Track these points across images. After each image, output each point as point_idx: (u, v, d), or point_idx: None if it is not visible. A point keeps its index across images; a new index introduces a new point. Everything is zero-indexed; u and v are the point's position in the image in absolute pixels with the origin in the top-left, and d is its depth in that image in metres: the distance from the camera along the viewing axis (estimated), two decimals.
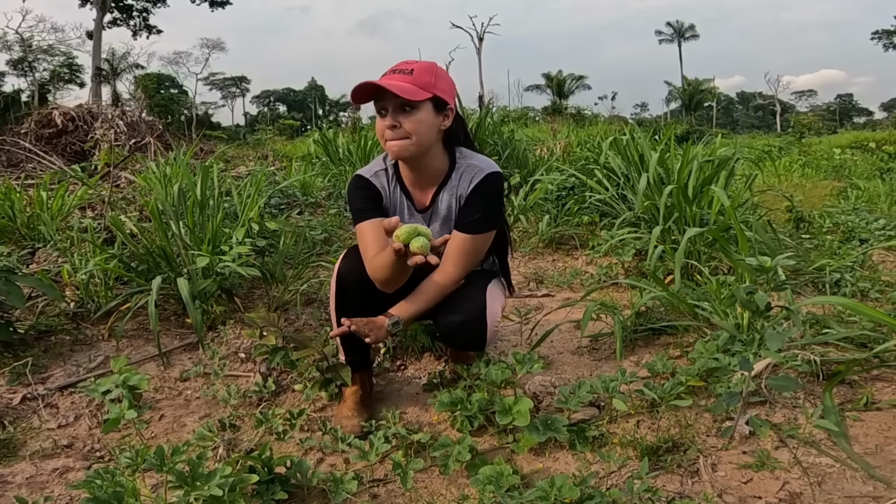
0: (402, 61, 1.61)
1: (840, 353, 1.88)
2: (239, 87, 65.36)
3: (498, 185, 1.66)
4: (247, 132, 27.38)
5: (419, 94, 1.53)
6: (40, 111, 7.65)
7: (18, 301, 2.19)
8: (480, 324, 1.64)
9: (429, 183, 1.70)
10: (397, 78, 1.55)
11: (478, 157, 1.70)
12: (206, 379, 2.08)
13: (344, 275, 1.66)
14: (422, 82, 1.54)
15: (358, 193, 1.70)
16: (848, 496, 1.27)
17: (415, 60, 1.61)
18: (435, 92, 1.56)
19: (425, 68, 1.58)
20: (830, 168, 8.10)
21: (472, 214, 1.63)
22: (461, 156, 1.69)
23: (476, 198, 1.64)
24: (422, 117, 1.56)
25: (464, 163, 1.68)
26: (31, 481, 1.52)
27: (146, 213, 3.52)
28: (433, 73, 1.58)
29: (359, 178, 1.73)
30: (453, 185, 1.68)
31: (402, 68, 1.57)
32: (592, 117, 16.98)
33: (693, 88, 55.54)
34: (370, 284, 1.61)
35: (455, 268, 1.63)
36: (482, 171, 1.65)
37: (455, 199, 1.68)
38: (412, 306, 1.62)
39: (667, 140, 4.00)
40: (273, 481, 1.36)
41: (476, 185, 1.63)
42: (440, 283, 1.63)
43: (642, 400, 1.69)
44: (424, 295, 1.63)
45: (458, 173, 1.67)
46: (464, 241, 1.63)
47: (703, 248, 2.86)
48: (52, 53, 40.19)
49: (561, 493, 1.21)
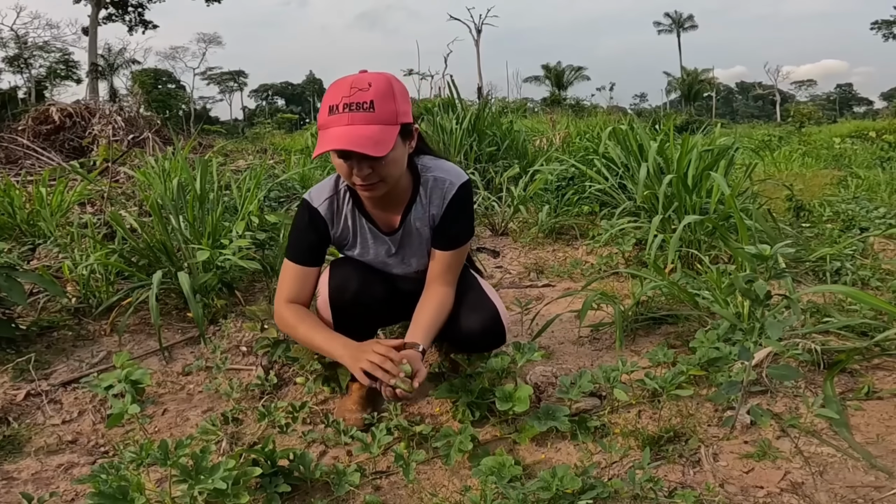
0: (354, 82, 1.36)
1: (841, 341, 1.88)
2: (236, 82, 65.13)
3: (470, 193, 1.59)
4: (245, 126, 27.30)
5: (389, 140, 1.35)
6: (37, 108, 7.61)
7: (20, 297, 2.19)
8: (499, 326, 1.63)
9: (393, 203, 1.57)
10: (360, 119, 1.33)
11: (440, 164, 1.59)
12: (208, 373, 2.09)
13: (337, 297, 1.58)
14: (386, 116, 1.35)
15: (300, 228, 1.58)
16: (849, 485, 1.28)
17: (365, 79, 1.37)
18: (400, 121, 1.38)
19: (384, 94, 1.35)
20: (830, 157, 8.08)
21: (453, 229, 1.57)
22: (424, 167, 1.58)
23: (453, 212, 1.56)
24: (394, 156, 1.40)
25: (429, 177, 1.56)
26: (37, 477, 1.52)
27: (146, 209, 3.51)
28: (393, 97, 1.36)
29: (306, 209, 1.58)
30: (423, 204, 1.57)
31: (358, 101, 1.33)
32: (591, 108, 16.94)
33: (692, 79, 55.36)
34: (366, 299, 1.59)
35: (448, 285, 1.60)
36: (452, 183, 1.55)
37: (428, 217, 1.59)
38: (429, 332, 1.53)
39: (666, 130, 3.99)
40: (276, 474, 1.36)
41: (451, 200, 1.55)
42: (442, 304, 1.57)
43: (643, 390, 1.69)
44: (434, 319, 1.55)
45: (426, 189, 1.56)
46: (450, 258, 1.58)
47: (702, 238, 2.86)
48: (48, 50, 40.10)
49: (563, 483, 1.22)
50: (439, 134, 5.27)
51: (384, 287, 1.67)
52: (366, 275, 1.63)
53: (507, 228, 3.99)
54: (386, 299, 1.67)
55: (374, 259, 1.65)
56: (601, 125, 6.72)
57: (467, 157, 4.95)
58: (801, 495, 1.26)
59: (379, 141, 1.33)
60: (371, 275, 1.64)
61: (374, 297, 1.63)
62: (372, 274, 1.65)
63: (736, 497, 1.27)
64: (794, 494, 1.26)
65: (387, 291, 1.68)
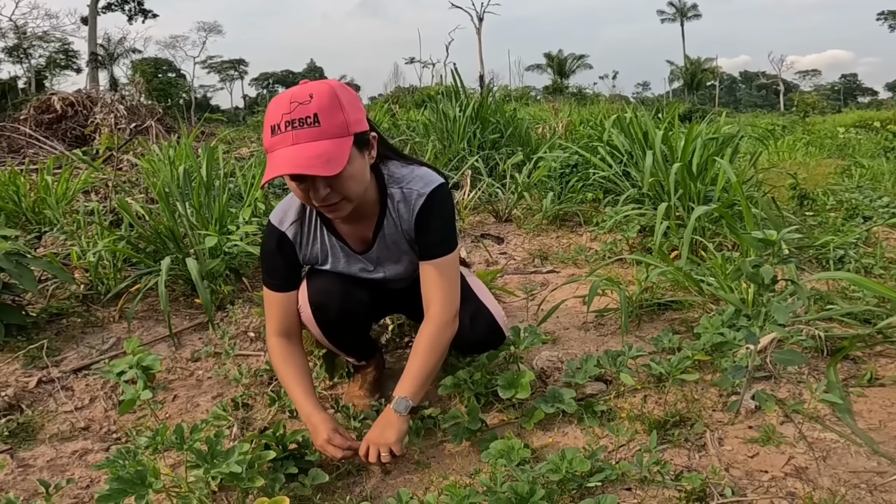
0: (294, 95, 1.23)
1: (844, 328, 1.90)
2: (237, 70, 64.77)
3: (443, 198, 1.43)
4: (246, 114, 27.18)
5: (342, 156, 1.22)
6: (39, 97, 7.59)
7: (31, 284, 2.21)
8: (495, 328, 1.62)
9: (361, 219, 1.47)
10: (305, 136, 1.20)
11: (408, 173, 1.45)
12: (216, 359, 2.11)
13: (320, 315, 1.53)
14: (334, 129, 1.22)
15: (269, 254, 1.49)
16: (852, 471, 1.30)
17: (306, 90, 1.23)
18: (352, 132, 1.25)
19: (329, 105, 1.22)
20: (834, 147, 8.05)
21: (431, 240, 1.43)
22: (390, 178, 1.44)
23: (426, 223, 1.43)
24: (351, 172, 1.27)
25: (395, 190, 1.43)
26: (52, 464, 1.55)
27: (151, 196, 3.52)
28: (339, 106, 1.23)
29: (273, 234, 1.48)
30: (394, 219, 1.46)
31: (300, 116, 1.20)
32: (594, 96, 16.87)
33: (695, 67, 54.97)
34: (351, 308, 1.54)
35: (443, 305, 1.43)
36: (420, 193, 1.41)
37: (400, 232, 1.47)
38: (419, 381, 1.41)
39: (670, 118, 3.98)
40: (287, 458, 1.39)
41: (419, 210, 1.42)
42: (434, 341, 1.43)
43: (649, 375, 1.71)
44: (425, 364, 1.42)
45: (394, 203, 1.44)
46: (438, 269, 1.43)
47: (707, 225, 2.87)
48: (48, 40, 39.94)
49: (572, 465, 1.24)
50: (442, 121, 5.26)
51: (369, 292, 1.59)
52: (346, 285, 1.54)
53: (510, 215, 3.99)
54: (373, 302, 1.61)
55: (352, 273, 1.56)
56: (604, 113, 6.70)
57: (470, 144, 4.94)
58: (805, 480, 1.27)
59: (330, 158, 1.20)
60: (352, 283, 1.55)
61: (361, 304, 1.57)
62: (353, 282, 1.55)
63: (741, 481, 1.29)
64: (798, 479, 1.28)
65: (373, 295, 1.61)
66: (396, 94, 15.16)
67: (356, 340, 1.69)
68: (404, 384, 1.41)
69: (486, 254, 3.26)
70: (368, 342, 1.78)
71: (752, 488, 1.26)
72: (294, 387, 1.48)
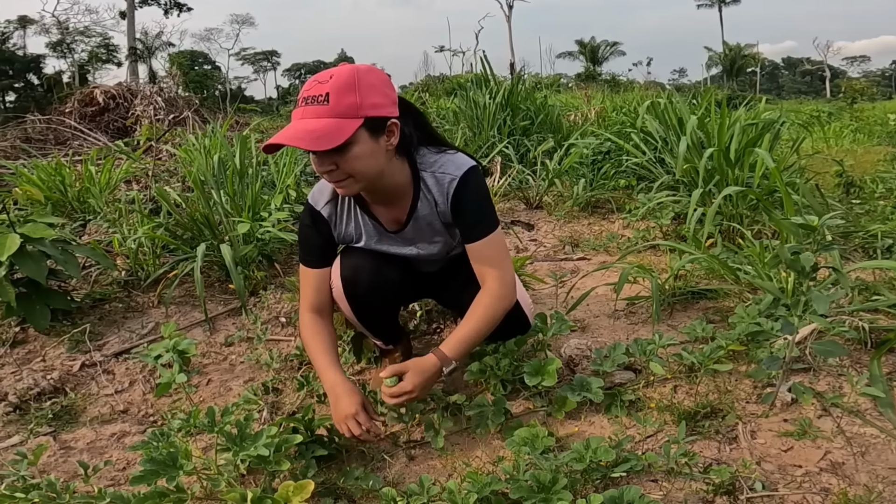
0: (317, 77, 1.31)
1: (890, 320, 1.81)
2: (270, 61, 65.61)
3: (476, 181, 1.46)
4: (279, 104, 27.56)
5: (341, 134, 1.25)
6: (82, 91, 7.83)
7: (75, 271, 2.29)
8: (521, 316, 1.61)
9: (395, 200, 1.50)
10: (311, 112, 1.27)
11: (440, 158, 1.47)
12: (249, 344, 2.15)
13: (350, 290, 1.56)
14: (342, 109, 1.26)
15: (305, 232, 1.56)
16: (892, 467, 1.24)
17: (329, 72, 1.30)
18: (364, 114, 1.27)
19: (344, 86, 1.26)
20: (884, 134, 7.67)
21: (470, 222, 1.47)
22: (423, 162, 1.47)
23: (463, 205, 1.45)
24: (357, 152, 1.29)
25: (428, 175, 1.46)
26: (92, 446, 1.61)
27: (188, 184, 3.61)
28: (355, 89, 1.27)
29: (309, 212, 1.54)
30: (428, 202, 1.48)
31: (315, 94, 1.27)
32: (627, 83, 16.47)
33: (735, 54, 53.00)
34: (381, 286, 1.56)
35: (498, 279, 1.46)
36: (453, 177, 1.44)
37: (435, 213, 1.50)
38: (465, 344, 1.45)
39: (706, 104, 3.86)
40: (314, 442, 1.41)
41: (454, 195, 1.44)
42: (495, 304, 1.46)
43: (680, 364, 1.67)
44: (475, 332, 1.46)
45: (427, 187, 1.47)
46: (486, 246, 1.46)
47: (745, 212, 2.78)
48: (89, 35, 41.30)
49: (596, 455, 1.22)
50: (472, 109, 5.22)
51: (399, 271, 1.61)
52: (377, 262, 1.57)
53: (541, 202, 3.95)
54: (403, 282, 1.63)
55: (384, 250, 1.59)
56: (638, 100, 6.53)
57: (500, 131, 4.90)
58: (841, 475, 1.23)
59: (324, 135, 1.24)
60: (383, 261, 1.58)
61: (390, 283, 1.59)
62: (384, 260, 1.58)
63: (773, 475, 1.25)
64: (833, 474, 1.23)
65: (403, 274, 1.63)
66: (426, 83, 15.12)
67: (385, 320, 1.71)
68: (451, 344, 1.44)
69: (517, 240, 3.23)
70: (396, 325, 1.80)
71: (784, 483, 1.23)
72: (320, 357, 1.52)
